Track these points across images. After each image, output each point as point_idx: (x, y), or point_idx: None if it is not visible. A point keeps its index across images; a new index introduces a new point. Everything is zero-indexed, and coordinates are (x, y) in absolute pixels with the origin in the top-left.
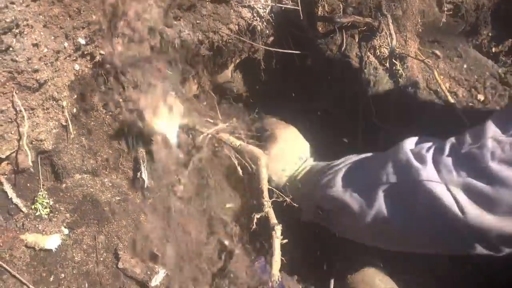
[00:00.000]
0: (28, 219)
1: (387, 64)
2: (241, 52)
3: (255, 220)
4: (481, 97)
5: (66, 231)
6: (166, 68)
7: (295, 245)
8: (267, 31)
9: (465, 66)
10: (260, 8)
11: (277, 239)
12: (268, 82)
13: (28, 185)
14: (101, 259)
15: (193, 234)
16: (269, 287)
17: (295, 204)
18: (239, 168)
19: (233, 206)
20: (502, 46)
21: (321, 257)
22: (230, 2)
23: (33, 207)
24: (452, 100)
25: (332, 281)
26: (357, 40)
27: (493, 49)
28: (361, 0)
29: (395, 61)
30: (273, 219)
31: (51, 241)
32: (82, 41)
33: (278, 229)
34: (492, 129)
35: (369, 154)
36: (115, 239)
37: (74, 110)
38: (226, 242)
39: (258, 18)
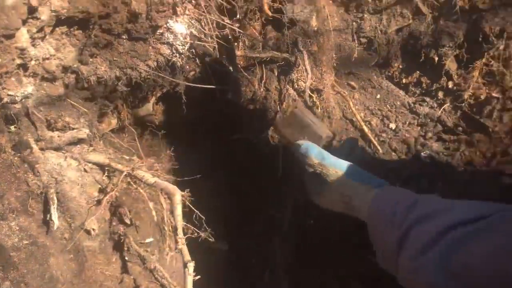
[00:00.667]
0: None
1: (305, 97)
2: (162, 87)
3: (168, 258)
4: (392, 125)
5: None
6: (81, 105)
7: (211, 273)
8: (188, 66)
9: (378, 96)
10: (179, 45)
11: (190, 276)
12: (190, 115)
13: None
14: None
15: (107, 272)
16: None
17: None
18: (151, 206)
19: (152, 240)
20: (411, 77)
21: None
22: (148, 40)
23: None
24: (366, 129)
25: None
26: (276, 74)
27: (403, 80)
28: (279, 36)
29: (311, 94)
30: (186, 256)
31: None
32: None
33: (190, 266)
34: None
35: None
36: (22, 286)
37: None
38: (142, 279)
39: (177, 55)
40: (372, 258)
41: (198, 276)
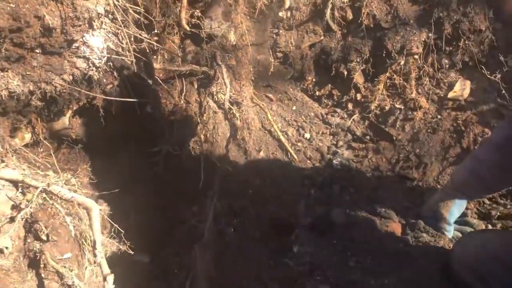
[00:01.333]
0: None
1: (225, 109)
2: (78, 100)
3: (87, 273)
4: (307, 135)
5: None
6: None
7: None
8: (105, 80)
9: (294, 107)
10: (95, 59)
11: None
12: (108, 128)
13: None
14: None
15: None
16: None
17: None
18: (68, 221)
19: (71, 256)
20: (324, 90)
21: None
22: (63, 54)
23: None
24: (283, 139)
25: None
26: (196, 87)
27: (317, 93)
28: (197, 50)
29: (231, 106)
30: (106, 269)
31: None
32: None
33: (110, 279)
34: None
35: None
36: None
37: None
38: None
39: (94, 68)
40: (289, 262)
41: None
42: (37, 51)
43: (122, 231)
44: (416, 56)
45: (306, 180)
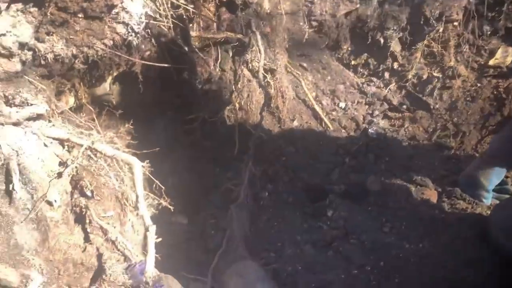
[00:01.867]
0: None
1: (259, 76)
2: (118, 66)
3: (130, 224)
4: (342, 104)
5: None
6: (39, 82)
7: (173, 245)
8: (143, 46)
9: (329, 77)
10: (134, 25)
11: (151, 238)
12: (147, 95)
13: None
14: None
15: (70, 241)
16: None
17: None
18: (112, 176)
19: (113, 214)
20: (360, 59)
21: (198, 255)
22: (104, 19)
23: None
24: (317, 108)
25: (209, 275)
26: (231, 55)
27: (352, 62)
28: (232, 18)
29: (265, 74)
30: (148, 221)
31: None
32: None
33: (152, 229)
34: None
35: None
36: None
37: None
38: (105, 249)
39: (133, 34)
40: (323, 225)
41: (159, 239)
42: (80, 15)
43: (163, 187)
44: (455, 23)
45: (341, 149)
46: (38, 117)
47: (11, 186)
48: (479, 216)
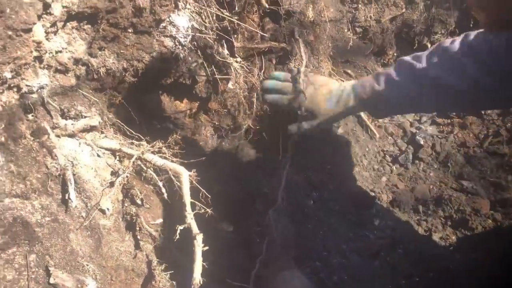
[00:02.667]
0: None
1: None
2: (166, 77)
3: (178, 231)
4: None
5: None
6: (92, 95)
7: (219, 253)
8: (190, 58)
9: None
10: (181, 38)
11: (199, 247)
12: (193, 104)
13: None
14: (33, 276)
15: (122, 248)
16: None
17: None
18: (161, 185)
19: (161, 221)
20: None
21: (244, 262)
22: (152, 33)
23: None
24: (363, 114)
25: (251, 283)
26: (274, 64)
27: None
28: (276, 27)
29: None
30: (195, 229)
31: None
32: (8, 75)
33: (199, 237)
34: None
35: None
36: (46, 257)
37: (2, 138)
38: (154, 256)
39: (180, 46)
40: (369, 234)
41: (206, 247)
42: (129, 30)
43: (209, 196)
44: None
45: (388, 156)
46: (92, 128)
47: (67, 195)
48: None
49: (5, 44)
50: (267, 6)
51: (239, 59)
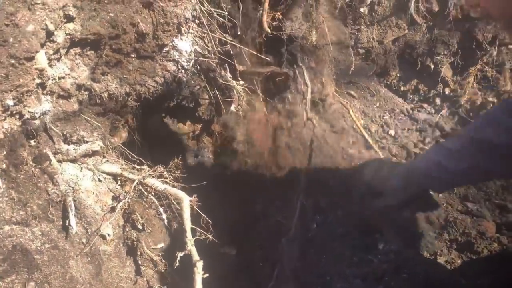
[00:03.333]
0: None
1: (307, 109)
2: (169, 101)
3: (178, 258)
4: (392, 132)
5: None
6: (94, 120)
7: (223, 276)
8: (193, 81)
9: (377, 104)
10: (184, 62)
11: (199, 274)
12: (196, 127)
13: None
14: None
15: (122, 274)
16: None
17: None
18: (161, 211)
19: (163, 246)
20: (409, 85)
21: (249, 285)
22: (155, 58)
23: None
24: (366, 136)
25: None
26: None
27: (402, 88)
28: (278, 52)
29: (319, 102)
30: (195, 256)
31: None
32: (10, 102)
33: (199, 264)
34: None
35: None
36: (45, 285)
37: (4, 165)
38: (155, 281)
39: (183, 71)
40: (373, 259)
41: (207, 274)
42: (132, 55)
43: (210, 221)
44: (510, 46)
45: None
46: (93, 153)
47: (67, 221)
48: None
49: (7, 72)
50: (269, 31)
51: (241, 82)
